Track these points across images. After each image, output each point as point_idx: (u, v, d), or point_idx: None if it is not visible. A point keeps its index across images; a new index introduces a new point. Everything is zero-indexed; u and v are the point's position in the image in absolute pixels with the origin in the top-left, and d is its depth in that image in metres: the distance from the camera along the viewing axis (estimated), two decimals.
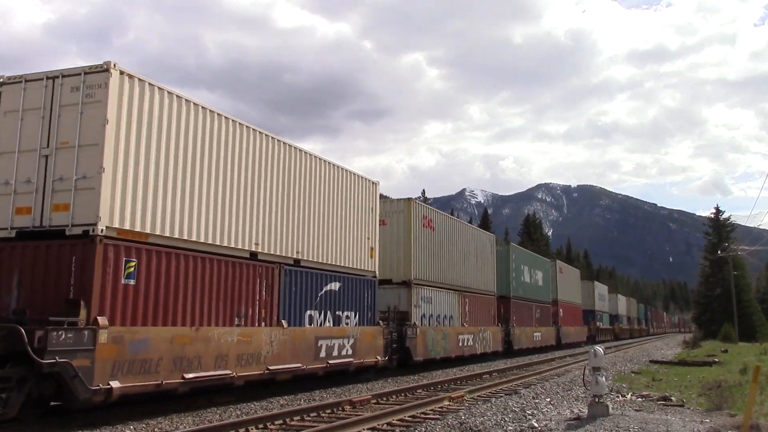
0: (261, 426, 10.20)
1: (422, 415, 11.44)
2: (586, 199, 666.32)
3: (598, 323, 56.86)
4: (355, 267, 18.02)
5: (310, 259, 15.96)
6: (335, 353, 16.24)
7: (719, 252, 62.32)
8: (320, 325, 16.04)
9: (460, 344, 24.83)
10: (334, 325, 16.58)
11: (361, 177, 19.00)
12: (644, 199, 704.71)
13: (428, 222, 23.15)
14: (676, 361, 26.19)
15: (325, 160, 16.97)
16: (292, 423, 10.68)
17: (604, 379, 10.65)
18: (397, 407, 11.86)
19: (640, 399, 13.36)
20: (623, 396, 13.77)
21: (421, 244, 22.27)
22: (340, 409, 12.16)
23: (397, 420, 10.89)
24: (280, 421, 10.63)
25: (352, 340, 17.06)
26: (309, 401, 13.46)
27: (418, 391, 15.52)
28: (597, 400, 10.50)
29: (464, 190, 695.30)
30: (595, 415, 10.22)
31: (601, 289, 63.37)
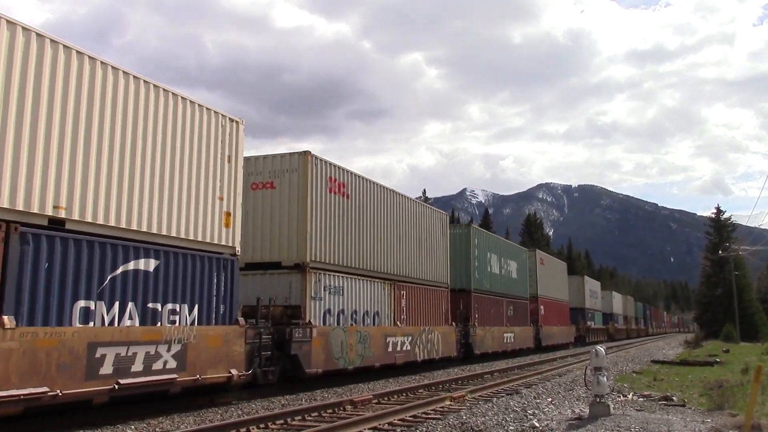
0: (262, 426, 10.21)
1: (423, 415, 11.43)
2: (587, 199, 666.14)
3: (588, 323, 52.43)
4: (192, 238, 12.40)
5: (88, 219, 10.35)
6: (138, 367, 10.68)
7: (720, 252, 62.33)
8: (107, 323, 10.45)
9: (391, 349, 19.38)
10: (141, 324, 10.99)
11: (207, 109, 13.23)
12: (645, 199, 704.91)
13: (338, 187, 17.58)
14: (678, 361, 26.16)
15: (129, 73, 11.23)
16: (294, 423, 10.68)
17: (605, 379, 10.65)
18: (399, 407, 11.85)
19: (641, 399, 13.35)
20: (624, 396, 13.75)
21: (324, 215, 16.78)
22: (342, 408, 12.16)
23: (398, 420, 10.89)
24: (282, 421, 10.63)
25: (177, 347, 11.44)
26: (310, 401, 13.46)
27: (420, 390, 15.52)
28: (598, 399, 10.50)
29: (465, 190, 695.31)
30: (597, 414, 10.22)
31: (592, 285, 58.19)
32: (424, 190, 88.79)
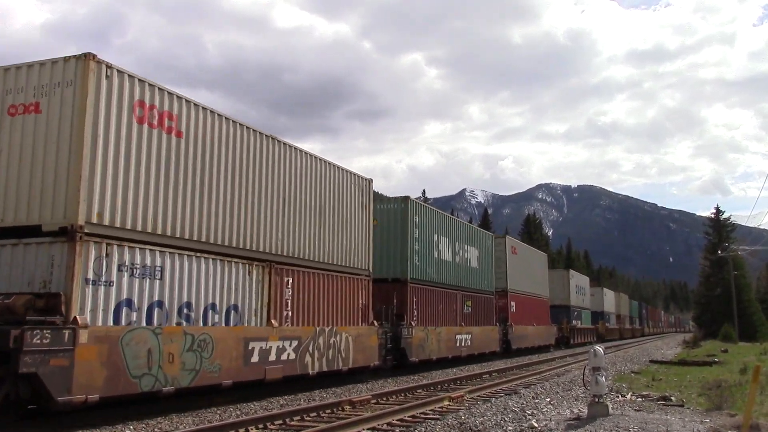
0: (261, 426, 10.21)
1: (422, 415, 11.43)
2: (587, 199, 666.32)
3: (573, 322, 45.87)
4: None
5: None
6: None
7: (719, 252, 62.34)
8: None
9: (257, 359, 13.62)
10: None
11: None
12: (644, 199, 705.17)
13: (160, 118, 11.81)
14: (676, 361, 26.17)
15: None
16: (292, 423, 10.69)
17: (603, 379, 10.65)
18: (397, 407, 11.86)
19: (639, 399, 13.35)
20: (623, 396, 13.76)
21: (127, 157, 11.11)
22: (340, 409, 12.16)
23: (397, 420, 10.89)
24: (280, 421, 10.64)
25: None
26: (309, 401, 13.46)
27: (418, 391, 15.52)
28: (597, 400, 10.50)
29: (464, 190, 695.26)
30: (595, 415, 10.22)
31: (579, 279, 51.29)
32: (424, 191, 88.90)
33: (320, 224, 16.77)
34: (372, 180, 19.74)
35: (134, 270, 11.18)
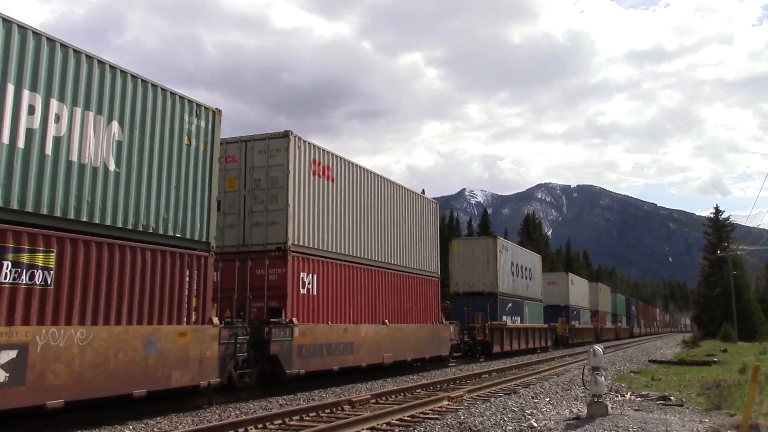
0: (260, 426, 10.21)
1: (421, 415, 11.43)
2: (586, 199, 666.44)
3: (502, 318, 30.77)
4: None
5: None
6: None
7: (719, 252, 62.35)
8: None
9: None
10: None
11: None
12: (644, 199, 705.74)
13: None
14: (676, 361, 26.18)
15: None
16: (291, 423, 10.69)
17: (603, 378, 10.65)
18: (397, 407, 11.86)
19: (639, 399, 13.36)
20: (622, 395, 13.77)
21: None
22: (340, 408, 12.16)
23: (396, 420, 10.89)
24: (279, 421, 10.63)
25: None
26: (308, 401, 13.46)
27: (418, 390, 15.52)
28: (596, 399, 10.50)
29: (464, 190, 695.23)
30: (595, 414, 10.22)
31: (519, 255, 35.93)
32: (423, 190, 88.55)
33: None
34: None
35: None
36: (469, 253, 31.71)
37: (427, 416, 11.33)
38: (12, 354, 8.73)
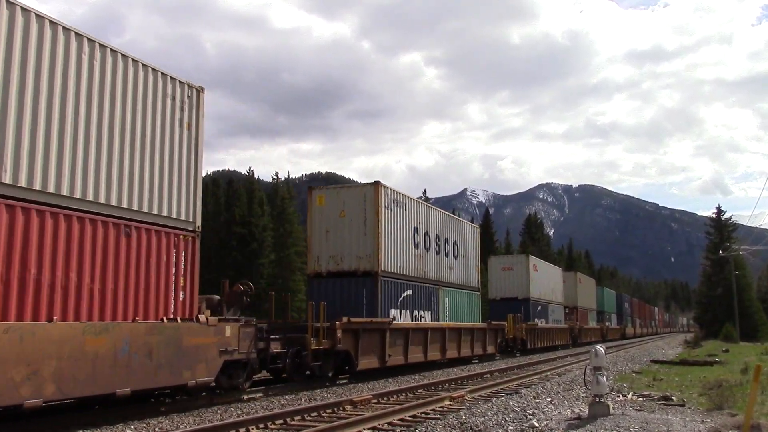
0: (262, 426, 10.20)
1: (423, 415, 11.42)
2: (588, 198, 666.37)
3: (389, 314, 19.48)
4: None
5: None
6: None
7: (721, 252, 62.29)
8: None
9: None
10: None
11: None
12: (645, 199, 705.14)
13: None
14: (677, 361, 26.15)
15: None
16: (293, 422, 10.68)
17: (605, 378, 10.65)
18: (398, 407, 11.85)
19: (640, 399, 13.34)
20: (624, 396, 13.75)
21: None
22: (341, 408, 12.16)
23: (398, 419, 10.88)
24: (281, 421, 10.63)
25: None
26: (310, 401, 13.46)
27: (419, 390, 15.51)
28: (598, 399, 10.49)
29: (465, 190, 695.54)
30: (596, 414, 10.22)
31: (457, 230, 26.26)
32: (425, 190, 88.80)
33: None
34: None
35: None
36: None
37: (429, 416, 11.32)
38: None
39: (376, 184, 19.97)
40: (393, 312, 20.11)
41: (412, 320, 21.37)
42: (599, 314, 56.95)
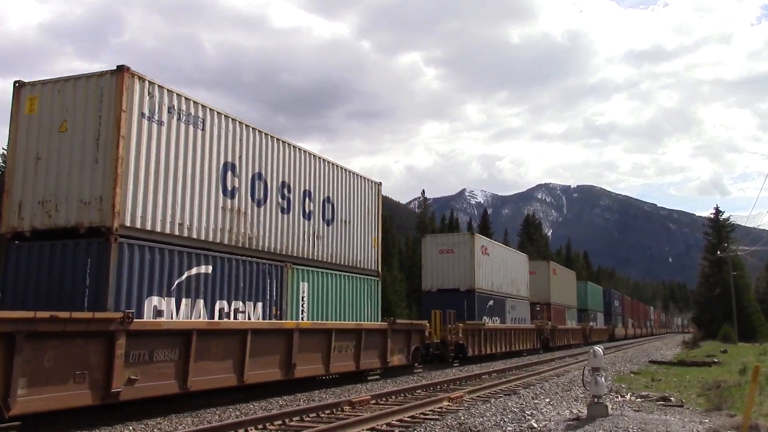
0: (260, 426, 10.20)
1: (422, 416, 11.43)
2: (586, 199, 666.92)
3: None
4: None
5: None
6: None
7: (719, 252, 62.34)
8: None
9: None
10: None
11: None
12: (643, 199, 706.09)
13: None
14: (676, 362, 26.16)
15: None
16: (292, 423, 10.68)
17: (603, 379, 10.65)
18: (397, 408, 11.85)
19: (639, 399, 13.35)
20: (622, 396, 13.76)
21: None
22: (340, 409, 12.16)
23: (396, 420, 10.89)
24: (280, 422, 10.63)
25: None
26: (308, 402, 13.46)
27: (418, 391, 15.51)
28: (596, 400, 10.49)
29: (464, 190, 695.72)
30: (595, 415, 10.22)
31: (334, 182, 18.23)
32: (423, 191, 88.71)
33: None
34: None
35: None
36: None
37: (427, 417, 11.32)
38: None
39: (122, 70, 11.50)
40: (156, 301, 11.94)
41: (209, 316, 13.15)
42: (581, 312, 49.54)
